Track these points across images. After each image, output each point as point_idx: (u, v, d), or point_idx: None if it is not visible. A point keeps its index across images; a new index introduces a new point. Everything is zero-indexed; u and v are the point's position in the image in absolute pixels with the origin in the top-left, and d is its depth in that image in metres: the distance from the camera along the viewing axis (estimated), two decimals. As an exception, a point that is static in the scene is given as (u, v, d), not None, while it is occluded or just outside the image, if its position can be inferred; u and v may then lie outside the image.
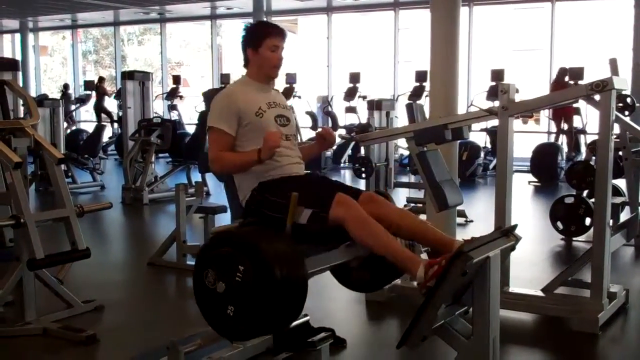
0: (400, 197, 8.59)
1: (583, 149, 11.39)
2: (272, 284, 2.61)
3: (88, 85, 17.12)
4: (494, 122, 8.98)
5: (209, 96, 3.44)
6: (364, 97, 12.75)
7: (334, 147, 13.59)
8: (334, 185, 3.19)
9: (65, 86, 18.03)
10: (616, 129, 4.86)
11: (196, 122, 10.76)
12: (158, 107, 15.85)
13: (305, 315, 3.63)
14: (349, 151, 13.10)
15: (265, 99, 3.23)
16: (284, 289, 2.64)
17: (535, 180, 11.09)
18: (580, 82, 10.57)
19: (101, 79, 17.12)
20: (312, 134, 13.50)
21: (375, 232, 2.85)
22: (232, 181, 3.23)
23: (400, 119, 11.72)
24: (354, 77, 13.65)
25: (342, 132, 13.17)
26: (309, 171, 3.35)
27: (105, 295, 4.79)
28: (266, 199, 3.04)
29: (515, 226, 2.85)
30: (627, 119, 5.75)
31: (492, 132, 11.80)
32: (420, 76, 12.75)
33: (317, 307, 4.33)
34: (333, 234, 2.94)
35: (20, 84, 5.76)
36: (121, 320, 4.51)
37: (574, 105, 11.09)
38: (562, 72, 11.83)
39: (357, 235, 2.87)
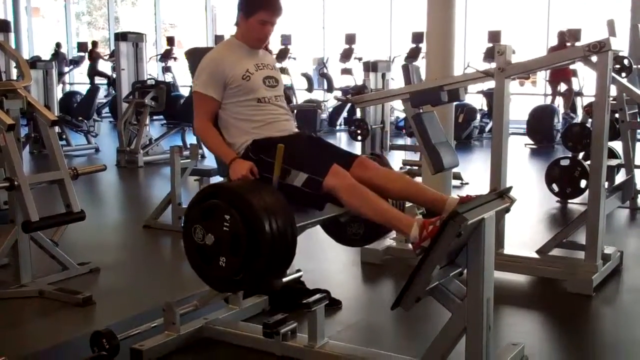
0: (396, 159, 8.59)
1: (579, 111, 11.36)
2: (259, 228, 2.63)
3: (81, 47, 16.94)
4: (490, 84, 8.93)
5: (192, 55, 3.38)
6: (360, 59, 12.66)
7: (330, 109, 13.57)
8: (331, 152, 3.19)
9: (58, 45, 17.82)
10: (613, 91, 4.83)
11: (190, 84, 10.68)
12: (152, 69, 15.72)
13: (300, 275, 3.64)
14: (344, 113, 13.06)
15: (252, 61, 3.20)
16: (271, 233, 2.65)
17: (532, 142, 11.09)
18: (577, 43, 10.49)
19: (94, 44, 16.94)
20: (308, 96, 13.46)
21: (365, 198, 2.87)
22: None
23: (396, 80, 11.66)
24: (350, 38, 13.54)
25: (338, 94, 13.11)
26: (298, 130, 3.33)
27: (101, 257, 4.80)
28: (262, 159, 3.03)
29: (510, 188, 2.85)
30: (624, 81, 5.71)
31: (488, 94, 11.75)
32: (417, 37, 12.66)
33: (313, 269, 4.35)
34: (325, 199, 2.94)
35: (13, 46, 5.71)
36: (117, 282, 4.52)
37: (571, 67, 11.04)
38: (562, 35, 11.73)
39: (349, 203, 2.90)
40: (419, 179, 5.39)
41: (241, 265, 2.69)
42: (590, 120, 5.87)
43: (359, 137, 7.62)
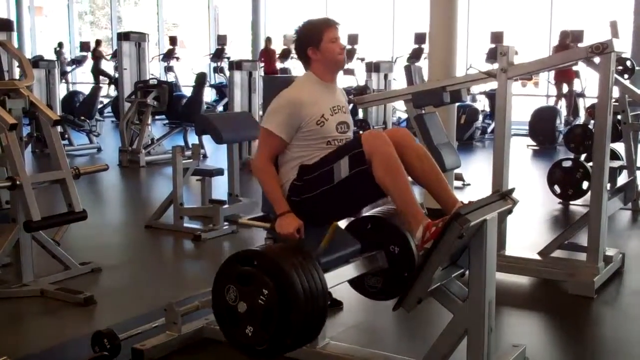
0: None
1: (582, 112, 11.35)
2: (295, 311, 2.54)
3: (84, 46, 16.95)
4: (492, 85, 8.92)
5: (270, 84, 3.35)
6: (362, 59, 12.66)
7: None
8: None
9: (60, 44, 17.83)
10: (615, 92, 4.83)
11: (193, 84, 10.69)
12: (154, 69, 15.73)
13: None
14: (346, 114, 13.05)
15: (329, 103, 3.12)
16: (306, 318, 2.57)
17: (534, 143, 11.08)
18: (580, 44, 10.48)
19: (98, 43, 16.96)
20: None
21: (397, 180, 2.81)
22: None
23: (399, 81, 11.65)
24: (353, 39, 13.53)
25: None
26: None
27: (103, 257, 4.80)
28: (306, 182, 2.99)
29: (512, 189, 2.84)
30: (627, 82, 5.71)
31: (490, 95, 11.74)
32: (419, 38, 12.65)
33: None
34: (373, 185, 2.88)
35: (15, 45, 5.71)
36: (118, 282, 4.52)
37: (574, 68, 11.03)
38: (564, 35, 11.70)
39: (380, 176, 2.82)
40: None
41: (268, 339, 2.60)
42: (592, 121, 5.87)
43: (361, 138, 7.61)
